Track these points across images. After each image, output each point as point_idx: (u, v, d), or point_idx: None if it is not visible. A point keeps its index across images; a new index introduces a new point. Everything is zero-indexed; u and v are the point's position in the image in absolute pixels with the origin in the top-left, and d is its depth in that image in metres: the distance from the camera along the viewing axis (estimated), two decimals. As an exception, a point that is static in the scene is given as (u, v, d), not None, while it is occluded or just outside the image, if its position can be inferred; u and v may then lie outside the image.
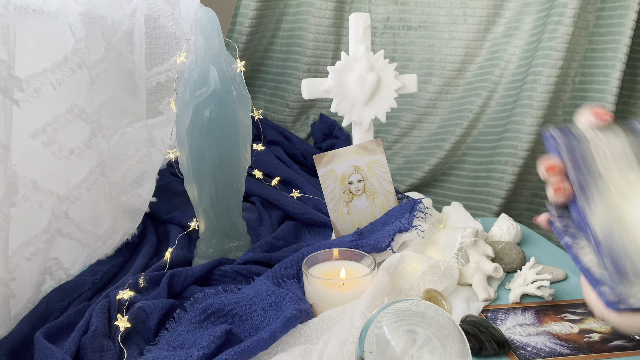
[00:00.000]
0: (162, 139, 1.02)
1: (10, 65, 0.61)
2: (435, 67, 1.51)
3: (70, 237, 0.78)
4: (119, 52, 0.89)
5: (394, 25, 1.51)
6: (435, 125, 1.54)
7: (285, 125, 1.58)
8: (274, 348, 0.61)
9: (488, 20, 1.45)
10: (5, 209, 0.62)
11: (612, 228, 0.41)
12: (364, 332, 0.53)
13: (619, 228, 0.40)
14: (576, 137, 0.44)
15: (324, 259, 0.72)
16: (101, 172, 0.82)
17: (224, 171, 0.82)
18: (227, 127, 0.81)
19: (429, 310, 0.52)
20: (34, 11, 0.72)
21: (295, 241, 0.94)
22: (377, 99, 0.88)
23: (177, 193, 1.07)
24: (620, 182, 0.42)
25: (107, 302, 0.70)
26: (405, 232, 0.78)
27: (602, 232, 0.40)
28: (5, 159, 0.61)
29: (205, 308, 0.67)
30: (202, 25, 0.78)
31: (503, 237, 0.88)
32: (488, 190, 1.50)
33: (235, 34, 1.49)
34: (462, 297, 0.73)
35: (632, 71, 1.42)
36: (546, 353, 0.62)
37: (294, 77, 1.56)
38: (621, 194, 0.42)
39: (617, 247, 0.40)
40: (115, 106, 0.90)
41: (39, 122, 0.71)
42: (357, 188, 0.87)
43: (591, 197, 0.42)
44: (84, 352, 0.62)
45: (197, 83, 0.78)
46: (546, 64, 1.34)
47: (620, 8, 1.33)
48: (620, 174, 0.43)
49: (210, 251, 0.86)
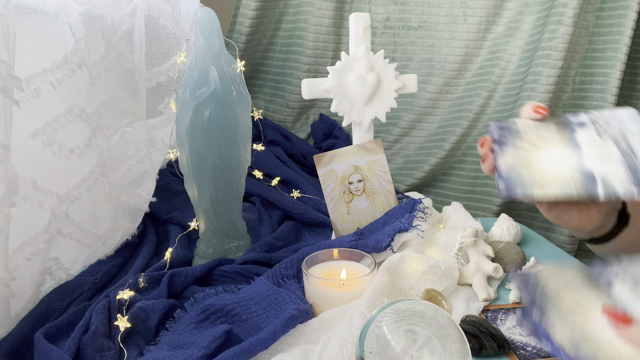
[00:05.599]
0: (162, 139, 1.02)
1: (10, 65, 0.61)
2: (435, 67, 1.51)
3: (70, 237, 0.78)
4: (119, 52, 0.89)
5: (394, 25, 1.51)
6: (435, 125, 1.54)
7: (285, 125, 1.58)
8: (274, 348, 0.61)
9: (488, 20, 1.45)
10: (5, 209, 0.62)
11: (515, 163, 0.53)
12: (364, 332, 0.53)
13: (521, 163, 0.53)
14: (509, 122, 0.57)
15: (324, 259, 0.72)
16: (101, 172, 0.82)
17: (224, 171, 0.82)
18: (227, 127, 0.81)
19: (429, 310, 0.52)
20: (34, 11, 0.72)
21: (295, 241, 0.94)
22: (377, 99, 0.88)
23: (177, 193, 1.07)
24: (534, 137, 0.54)
25: (107, 302, 0.70)
26: (405, 232, 0.78)
27: (506, 166, 0.54)
28: (5, 159, 0.61)
29: (205, 308, 0.67)
30: (202, 25, 0.78)
31: (503, 237, 0.88)
32: (488, 190, 1.50)
33: (235, 34, 1.49)
34: (462, 297, 0.73)
35: (632, 71, 1.42)
36: (546, 353, 0.62)
37: (294, 77, 1.56)
38: (532, 143, 0.54)
39: (514, 177, 0.53)
40: (115, 106, 0.90)
41: (39, 122, 0.71)
42: (357, 188, 0.87)
43: (505, 145, 0.55)
44: (84, 352, 0.62)
45: (197, 83, 0.78)
46: (546, 64, 1.34)
47: (620, 8, 1.33)
48: (536, 133, 0.55)
49: (210, 251, 0.86)
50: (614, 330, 0.42)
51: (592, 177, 0.49)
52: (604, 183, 0.48)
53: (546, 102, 1.36)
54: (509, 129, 0.56)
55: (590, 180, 0.49)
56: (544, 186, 0.51)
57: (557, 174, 0.51)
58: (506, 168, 0.53)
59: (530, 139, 0.54)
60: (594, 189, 0.49)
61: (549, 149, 0.53)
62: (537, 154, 0.53)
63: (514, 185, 0.52)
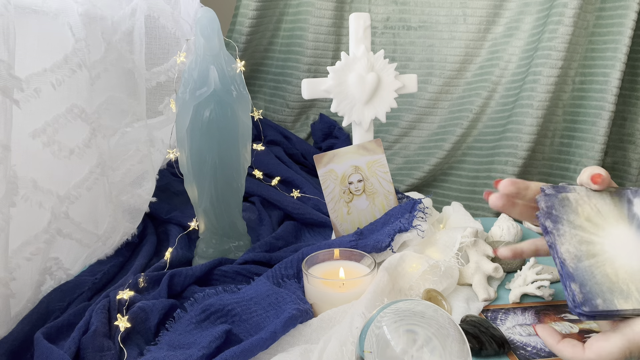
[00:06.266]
0: (162, 139, 1.02)
1: (10, 65, 0.61)
2: (435, 67, 1.51)
3: (70, 237, 0.78)
4: (119, 52, 0.89)
5: (394, 25, 1.51)
6: (435, 125, 1.54)
7: (285, 125, 1.58)
8: (274, 348, 0.61)
9: (488, 20, 1.45)
10: (5, 209, 0.62)
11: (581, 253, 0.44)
12: (364, 332, 0.53)
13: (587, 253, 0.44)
14: (558, 189, 0.48)
15: (324, 259, 0.72)
16: (101, 172, 0.82)
17: (224, 171, 0.82)
18: (227, 127, 0.81)
19: (429, 310, 0.52)
20: (34, 11, 0.72)
21: (295, 241, 0.94)
22: (377, 99, 0.88)
23: (177, 193, 1.07)
24: (589, 210, 0.46)
25: (107, 302, 0.70)
26: (405, 232, 0.78)
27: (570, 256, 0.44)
28: (5, 159, 0.61)
29: (205, 308, 0.67)
30: (202, 25, 0.78)
31: (503, 237, 0.88)
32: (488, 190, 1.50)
33: (235, 34, 1.49)
34: (462, 297, 0.73)
35: (632, 71, 1.42)
36: (546, 353, 0.62)
37: (294, 77, 1.56)
38: (589, 219, 0.46)
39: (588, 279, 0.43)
40: (115, 106, 0.90)
41: (39, 122, 0.71)
42: (357, 188, 0.87)
43: (559, 222, 0.46)
44: (84, 352, 0.62)
45: (197, 83, 0.78)
46: (546, 64, 1.34)
47: (620, 8, 1.33)
48: (590, 204, 0.47)
49: (210, 251, 0.86)
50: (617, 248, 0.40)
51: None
52: None
53: (546, 102, 1.36)
54: (557, 197, 0.47)
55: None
56: (623, 292, 0.42)
57: (634, 272, 0.43)
58: (571, 260, 0.43)
59: (585, 212, 0.46)
60: None
61: (611, 229, 0.45)
62: (600, 237, 0.44)
63: (593, 294, 0.42)
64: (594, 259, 0.44)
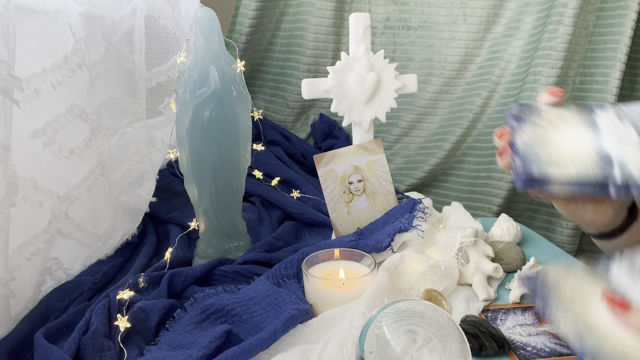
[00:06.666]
0: (162, 139, 1.02)
1: (10, 65, 0.61)
2: (435, 67, 1.51)
3: (70, 237, 0.78)
4: (119, 52, 0.89)
5: (394, 25, 1.51)
6: (435, 125, 1.54)
7: (285, 125, 1.58)
8: (274, 348, 0.61)
9: (488, 20, 1.45)
10: (5, 209, 0.62)
11: (533, 141, 0.52)
12: (364, 332, 0.53)
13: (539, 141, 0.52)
14: (528, 105, 0.56)
15: (324, 259, 0.72)
16: (101, 172, 0.82)
17: (224, 171, 0.82)
18: (227, 127, 0.81)
19: (429, 310, 0.52)
20: (34, 11, 0.72)
21: (295, 241, 0.94)
22: (377, 99, 0.88)
23: (177, 193, 1.07)
24: (554, 116, 0.53)
25: (107, 302, 0.70)
26: (405, 232, 0.78)
27: (523, 143, 0.52)
28: (5, 159, 0.61)
29: (205, 308, 0.67)
30: (202, 25, 0.78)
31: (503, 237, 0.88)
32: (488, 190, 1.50)
33: (235, 34, 1.49)
34: (462, 297, 0.73)
35: (632, 71, 1.42)
36: (546, 353, 0.62)
37: (294, 77, 1.56)
38: (552, 122, 0.53)
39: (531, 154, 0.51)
40: (115, 106, 0.90)
41: (39, 122, 0.71)
42: (357, 188, 0.87)
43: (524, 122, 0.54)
44: (84, 352, 0.62)
45: (197, 83, 0.78)
46: (546, 64, 1.34)
47: (620, 8, 1.33)
48: (556, 112, 0.54)
49: (210, 251, 0.86)
50: (613, 317, 0.41)
51: (609, 159, 0.49)
52: (621, 165, 0.48)
53: (546, 102, 1.36)
54: (529, 107, 0.55)
55: (607, 162, 0.49)
56: (560, 165, 0.50)
57: (574, 153, 0.50)
58: (523, 145, 0.52)
59: (549, 117, 0.54)
60: (610, 171, 0.48)
61: (567, 128, 0.52)
62: (555, 133, 0.52)
63: (530, 162, 0.51)
64: (544, 147, 0.51)
